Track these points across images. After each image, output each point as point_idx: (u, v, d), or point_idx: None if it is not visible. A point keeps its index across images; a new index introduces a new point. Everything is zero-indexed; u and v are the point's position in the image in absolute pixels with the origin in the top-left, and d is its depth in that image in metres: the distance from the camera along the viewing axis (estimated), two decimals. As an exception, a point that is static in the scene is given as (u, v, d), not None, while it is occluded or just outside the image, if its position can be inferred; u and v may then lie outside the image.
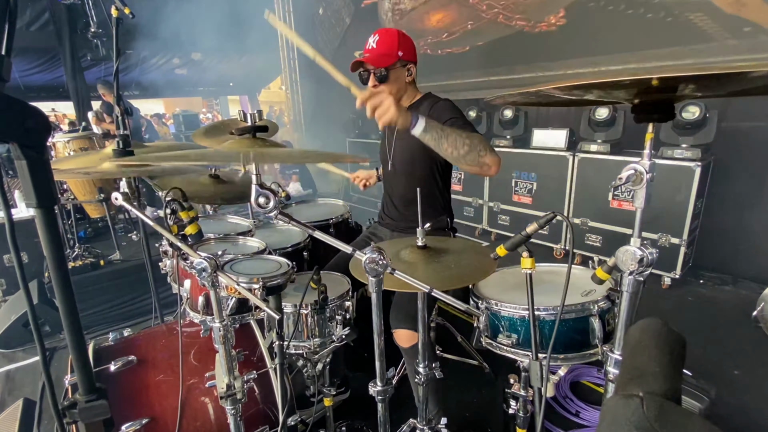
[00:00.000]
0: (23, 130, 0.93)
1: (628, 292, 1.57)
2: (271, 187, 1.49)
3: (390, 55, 2.79)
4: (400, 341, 2.59)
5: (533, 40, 6.71)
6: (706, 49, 5.01)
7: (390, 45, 2.81)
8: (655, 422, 0.89)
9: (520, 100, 1.68)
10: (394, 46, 2.80)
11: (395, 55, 2.80)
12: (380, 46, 2.82)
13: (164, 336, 2.60)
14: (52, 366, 3.84)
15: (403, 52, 2.82)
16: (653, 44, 5.41)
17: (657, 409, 0.90)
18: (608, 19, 5.76)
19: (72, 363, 1.32)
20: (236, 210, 5.99)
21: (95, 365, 2.29)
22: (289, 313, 2.29)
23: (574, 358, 1.99)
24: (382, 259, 1.54)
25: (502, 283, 2.37)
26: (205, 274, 1.75)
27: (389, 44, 2.81)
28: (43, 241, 1.03)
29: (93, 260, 5.18)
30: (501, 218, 6.92)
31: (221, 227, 3.22)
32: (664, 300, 4.96)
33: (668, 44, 5.27)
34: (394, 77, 2.83)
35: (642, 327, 1.08)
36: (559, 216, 1.73)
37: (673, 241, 5.02)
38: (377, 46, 2.82)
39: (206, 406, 2.30)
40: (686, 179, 4.83)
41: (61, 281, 1.08)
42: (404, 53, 2.83)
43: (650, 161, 1.45)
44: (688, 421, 0.91)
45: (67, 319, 1.12)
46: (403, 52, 2.83)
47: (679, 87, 1.27)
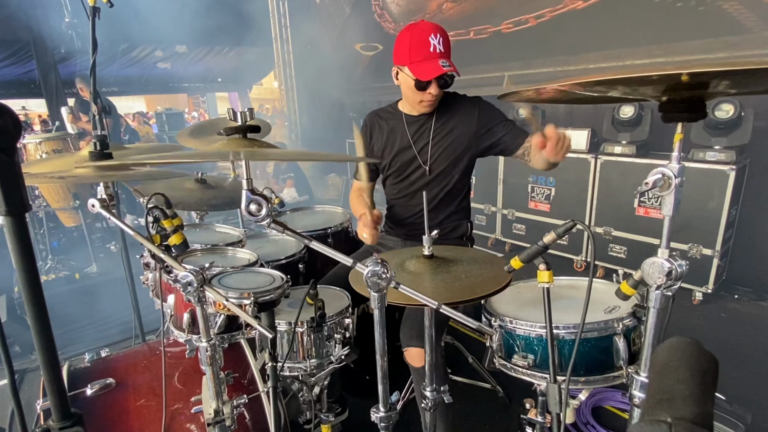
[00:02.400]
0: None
1: (655, 308, 1.57)
2: (263, 192, 1.49)
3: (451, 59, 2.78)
4: (412, 360, 2.58)
5: (551, 30, 6.71)
6: (741, 42, 5.01)
7: (449, 46, 2.78)
8: (686, 451, 0.89)
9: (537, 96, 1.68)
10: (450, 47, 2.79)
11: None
12: (446, 48, 2.76)
13: (146, 357, 2.60)
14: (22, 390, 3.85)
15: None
16: (683, 36, 5.40)
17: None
18: (634, 9, 5.76)
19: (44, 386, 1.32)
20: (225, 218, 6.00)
21: (70, 389, 2.29)
22: (283, 331, 2.29)
23: (596, 380, 1.99)
24: (386, 272, 1.54)
25: (518, 299, 2.37)
26: (190, 289, 1.75)
27: (449, 45, 2.78)
28: (12, 253, 1.03)
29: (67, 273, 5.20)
30: (516, 227, 6.92)
31: (208, 237, 3.22)
32: (694, 317, 4.94)
33: (699, 36, 5.26)
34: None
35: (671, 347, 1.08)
36: (579, 225, 1.73)
37: (704, 252, 5.00)
38: (444, 49, 2.76)
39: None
40: (719, 184, 4.80)
41: (33, 296, 1.08)
42: None
43: (679, 164, 1.45)
44: (721, 451, 0.92)
45: (39, 338, 1.12)
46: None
47: (711, 83, 1.27)
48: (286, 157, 1.53)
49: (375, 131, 3.20)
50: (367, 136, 3.23)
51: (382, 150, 3.16)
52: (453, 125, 2.95)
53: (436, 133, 2.98)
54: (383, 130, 3.14)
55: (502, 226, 7.08)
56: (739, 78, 1.22)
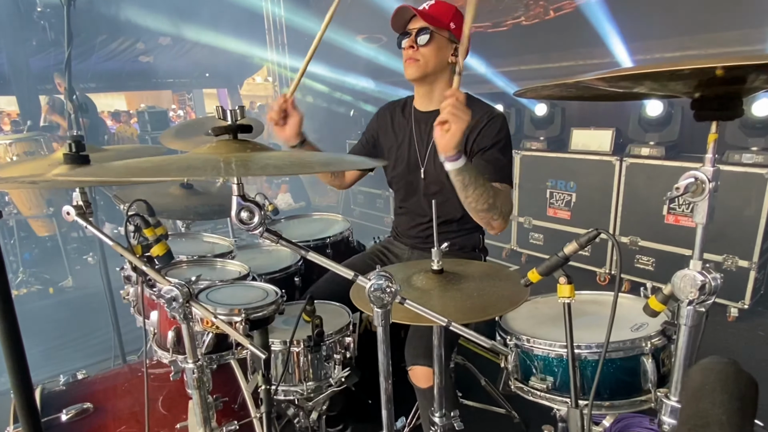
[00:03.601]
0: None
1: (687, 325, 1.56)
2: (255, 199, 1.49)
3: (441, 20, 2.79)
4: (417, 381, 2.57)
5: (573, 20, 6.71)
6: (781, 32, 5.01)
7: (445, 11, 2.81)
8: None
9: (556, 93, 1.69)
10: (449, 15, 2.81)
11: (447, 25, 2.80)
12: (433, 9, 2.81)
13: (126, 379, 2.60)
14: (-10, 415, 3.85)
15: (455, 26, 2.82)
16: (718, 26, 5.41)
17: (724, 467, 0.90)
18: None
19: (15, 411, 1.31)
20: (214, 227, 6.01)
21: (43, 414, 2.29)
22: (278, 351, 2.29)
23: (622, 405, 1.99)
24: (391, 287, 1.54)
25: (536, 315, 2.38)
26: (175, 305, 1.75)
27: (444, 10, 2.81)
28: (-19, 265, 1.04)
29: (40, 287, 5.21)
30: (533, 237, 6.92)
31: (195, 248, 3.23)
32: (730, 335, 4.93)
33: (736, 26, 5.27)
34: (437, 46, 2.82)
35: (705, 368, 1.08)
36: (603, 234, 1.73)
37: (741, 264, 4.99)
38: (429, 9, 2.81)
39: (177, 464, 2.30)
40: (757, 189, 4.79)
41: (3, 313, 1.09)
42: (456, 28, 2.83)
43: (714, 167, 1.44)
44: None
45: (10, 359, 1.12)
46: (456, 26, 2.82)
47: (748, 78, 1.27)
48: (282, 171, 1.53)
49: (384, 125, 3.24)
50: (375, 130, 3.28)
51: (389, 147, 3.19)
52: None
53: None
54: (393, 125, 3.18)
55: (518, 236, 7.09)
56: (778, 72, 1.22)
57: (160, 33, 12.90)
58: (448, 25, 2.80)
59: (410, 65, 2.87)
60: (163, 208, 3.06)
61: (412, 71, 2.89)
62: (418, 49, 2.81)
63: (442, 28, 2.78)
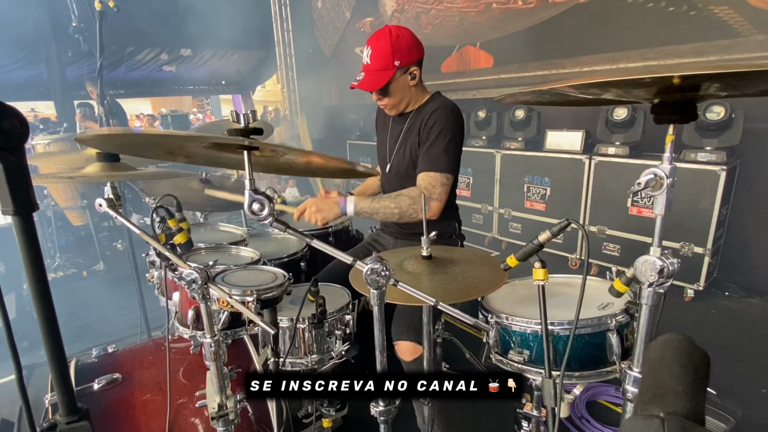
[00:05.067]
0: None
1: (647, 305, 1.56)
2: (265, 192, 1.49)
3: (386, 69, 2.76)
4: (402, 354, 2.57)
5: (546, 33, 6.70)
6: (731, 45, 5.00)
7: (384, 56, 2.76)
8: (678, 445, 0.89)
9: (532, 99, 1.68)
10: (389, 56, 2.75)
11: (392, 66, 2.76)
12: (374, 61, 2.78)
13: (151, 352, 2.60)
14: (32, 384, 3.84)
15: (400, 60, 2.77)
16: (675, 40, 5.40)
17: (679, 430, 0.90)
18: (627, 13, 5.75)
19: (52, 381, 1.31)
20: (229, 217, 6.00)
21: (77, 383, 2.30)
22: (285, 327, 2.29)
23: (590, 375, 1.99)
24: (385, 270, 1.54)
25: (513, 296, 2.37)
26: (195, 286, 1.74)
27: (383, 56, 2.76)
28: (21, 251, 1.03)
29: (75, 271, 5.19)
30: (512, 226, 6.92)
31: (212, 236, 3.22)
32: (686, 313, 4.95)
33: (691, 40, 5.26)
34: (395, 88, 2.82)
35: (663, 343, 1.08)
36: (574, 224, 1.73)
37: (696, 250, 5.01)
38: (371, 62, 2.79)
39: (196, 427, 2.30)
40: (710, 184, 4.80)
41: (40, 293, 1.08)
42: (402, 59, 2.78)
43: (671, 165, 1.44)
44: (713, 444, 0.91)
45: (46, 335, 1.12)
46: (401, 59, 2.77)
47: (702, 86, 1.27)
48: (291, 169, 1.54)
49: (378, 124, 3.30)
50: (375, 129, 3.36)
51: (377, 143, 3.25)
52: (417, 128, 2.91)
53: (405, 134, 2.97)
54: (380, 125, 3.26)
55: (499, 225, 7.09)
56: (729, 80, 1.22)
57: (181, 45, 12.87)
58: (393, 65, 2.76)
59: (386, 109, 3.00)
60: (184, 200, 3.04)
61: (390, 112, 3.01)
62: (383, 99, 2.88)
63: (390, 75, 2.77)
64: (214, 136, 1.44)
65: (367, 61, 2.80)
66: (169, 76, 14.43)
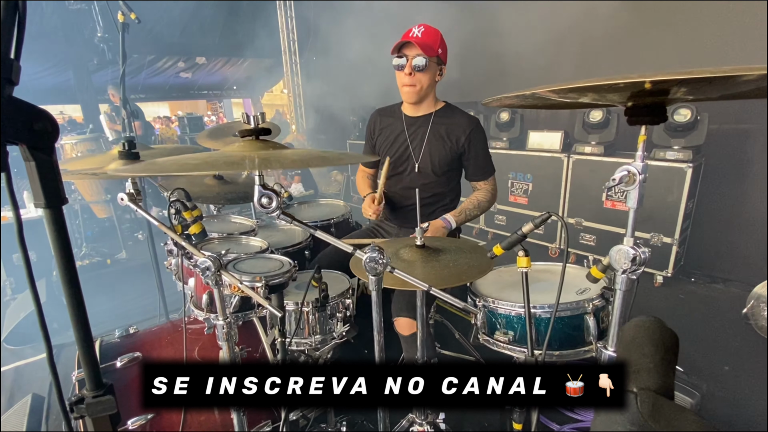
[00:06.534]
0: (32, 133, 0.93)
1: (621, 290, 1.56)
2: (273, 187, 1.49)
3: (433, 48, 2.74)
4: (401, 329, 2.57)
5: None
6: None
7: (434, 39, 2.76)
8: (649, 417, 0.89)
9: (516, 102, 1.68)
10: (437, 42, 2.77)
11: (436, 51, 2.75)
12: (425, 37, 2.74)
13: (169, 333, 2.60)
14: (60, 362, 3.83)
15: (441, 51, 2.80)
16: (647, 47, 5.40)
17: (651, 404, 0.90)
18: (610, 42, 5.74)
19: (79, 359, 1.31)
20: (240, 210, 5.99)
21: (102, 361, 2.29)
22: (291, 310, 2.29)
23: (569, 354, 2.00)
24: (383, 258, 1.54)
25: (499, 282, 2.38)
26: (208, 273, 1.74)
27: (433, 38, 2.76)
28: (51, 241, 1.03)
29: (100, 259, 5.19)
30: (498, 218, 6.92)
31: (225, 227, 3.21)
32: (656, 298, 4.96)
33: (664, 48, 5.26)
34: (429, 71, 2.79)
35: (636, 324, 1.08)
36: (554, 216, 1.73)
37: (665, 240, 5.03)
38: (422, 36, 2.73)
39: (210, 402, 2.30)
40: (678, 180, 4.83)
41: (69, 279, 1.08)
42: (443, 52, 2.82)
43: (643, 162, 1.44)
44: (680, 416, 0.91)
45: (74, 317, 1.12)
46: (442, 52, 2.81)
47: (671, 90, 1.27)
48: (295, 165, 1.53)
49: (378, 127, 3.19)
50: (372, 132, 3.24)
51: (383, 145, 3.14)
52: (445, 133, 2.91)
53: (431, 136, 2.94)
54: (385, 127, 3.14)
55: (485, 217, 7.08)
56: (696, 85, 1.22)
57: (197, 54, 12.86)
58: (437, 52, 2.76)
59: (409, 91, 2.85)
60: (199, 194, 3.04)
61: (411, 97, 2.89)
62: (414, 74, 2.78)
63: (432, 56, 2.74)
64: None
65: (417, 35, 2.73)
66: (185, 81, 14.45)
